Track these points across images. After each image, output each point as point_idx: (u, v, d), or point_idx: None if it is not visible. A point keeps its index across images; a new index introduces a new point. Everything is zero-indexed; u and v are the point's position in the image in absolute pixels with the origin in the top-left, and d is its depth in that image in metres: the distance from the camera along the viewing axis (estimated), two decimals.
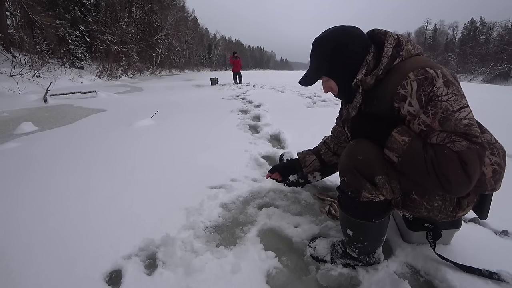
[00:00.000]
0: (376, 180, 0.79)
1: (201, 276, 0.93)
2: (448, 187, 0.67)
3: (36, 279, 0.92)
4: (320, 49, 0.89)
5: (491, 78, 26.63)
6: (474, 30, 40.20)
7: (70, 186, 1.61)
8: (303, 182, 1.57)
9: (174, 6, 31.58)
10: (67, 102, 5.59)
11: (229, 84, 10.56)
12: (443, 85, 0.71)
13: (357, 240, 0.90)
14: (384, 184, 0.79)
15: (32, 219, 1.28)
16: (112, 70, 14.98)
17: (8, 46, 11.67)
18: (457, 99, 0.70)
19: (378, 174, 0.78)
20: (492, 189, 0.82)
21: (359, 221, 0.86)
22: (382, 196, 0.81)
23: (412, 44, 0.83)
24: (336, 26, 0.90)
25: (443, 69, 0.75)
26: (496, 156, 0.80)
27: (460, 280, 0.88)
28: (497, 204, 0.94)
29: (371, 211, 0.84)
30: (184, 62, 40.62)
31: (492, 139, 0.83)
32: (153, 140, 2.59)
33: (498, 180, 0.81)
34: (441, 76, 0.72)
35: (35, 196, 1.49)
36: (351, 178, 0.82)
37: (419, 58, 0.80)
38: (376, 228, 0.88)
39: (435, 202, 0.80)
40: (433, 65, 0.75)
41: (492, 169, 0.78)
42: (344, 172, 0.84)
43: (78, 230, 1.18)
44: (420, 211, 0.83)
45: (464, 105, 0.71)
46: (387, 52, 0.80)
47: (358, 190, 0.81)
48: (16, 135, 2.88)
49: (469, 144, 0.66)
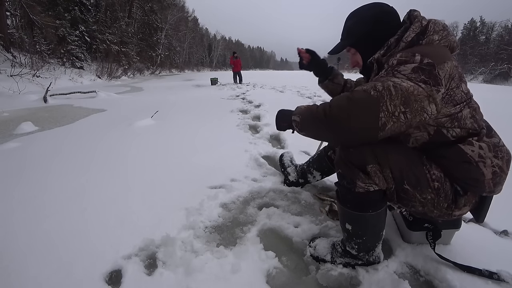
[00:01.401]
0: (368, 169, 0.80)
1: (201, 276, 0.93)
2: (329, 116, 0.72)
3: (36, 279, 0.92)
4: (351, 21, 0.95)
5: (491, 78, 26.63)
6: (474, 30, 40.17)
7: (70, 186, 1.61)
8: (303, 182, 1.58)
9: (174, 6, 31.63)
10: (67, 102, 5.59)
11: (229, 84, 10.56)
12: (411, 69, 0.71)
13: (356, 235, 0.91)
14: (376, 173, 0.80)
15: (32, 219, 1.28)
16: (112, 70, 14.98)
17: (8, 46, 11.66)
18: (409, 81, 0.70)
19: (369, 163, 0.80)
20: (490, 191, 0.81)
21: (357, 213, 0.87)
22: (376, 186, 0.81)
23: (442, 35, 0.80)
24: (374, 2, 0.93)
25: (444, 65, 0.72)
26: (499, 159, 0.78)
27: (460, 280, 0.88)
28: (497, 204, 0.94)
29: (367, 202, 0.85)
30: (184, 62, 40.62)
31: (500, 142, 0.81)
32: (153, 140, 2.59)
33: (498, 184, 0.80)
34: (419, 62, 0.72)
35: (35, 196, 1.49)
36: (345, 169, 0.84)
37: (430, 46, 0.78)
38: (373, 221, 0.88)
39: (428, 195, 0.80)
40: (430, 55, 0.73)
41: (492, 171, 0.77)
42: (339, 165, 0.86)
43: (78, 230, 1.18)
44: (414, 205, 0.83)
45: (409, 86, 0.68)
46: (407, 37, 0.81)
47: (352, 180, 0.82)
48: (16, 135, 2.88)
49: (367, 88, 0.70)
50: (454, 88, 0.75)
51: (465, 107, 0.77)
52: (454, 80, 0.75)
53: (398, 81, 0.70)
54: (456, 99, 0.76)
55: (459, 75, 0.76)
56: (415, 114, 0.70)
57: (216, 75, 14.41)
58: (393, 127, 0.70)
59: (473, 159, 0.76)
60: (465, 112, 0.77)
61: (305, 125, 0.82)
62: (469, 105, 0.78)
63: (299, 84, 10.10)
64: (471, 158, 0.76)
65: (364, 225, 0.89)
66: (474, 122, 0.79)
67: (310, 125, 0.81)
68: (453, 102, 0.75)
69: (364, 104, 0.69)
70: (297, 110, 0.85)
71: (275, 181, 1.65)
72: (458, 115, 0.76)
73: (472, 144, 0.76)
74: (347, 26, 0.97)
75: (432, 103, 0.71)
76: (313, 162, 1.53)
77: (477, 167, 0.76)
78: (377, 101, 0.68)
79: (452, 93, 0.75)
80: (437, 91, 0.71)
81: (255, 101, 5.11)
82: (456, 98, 0.75)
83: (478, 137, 0.78)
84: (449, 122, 0.77)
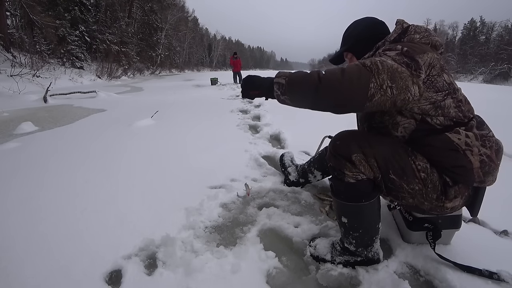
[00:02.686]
0: (352, 158, 0.84)
1: (201, 276, 0.93)
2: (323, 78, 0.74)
3: (35, 279, 0.92)
4: (348, 31, 1.08)
5: (491, 78, 26.63)
6: (474, 30, 40.16)
7: (70, 186, 1.61)
8: (303, 182, 1.58)
9: (174, 6, 31.61)
10: (67, 102, 5.60)
11: (229, 84, 10.56)
12: (395, 53, 0.79)
13: (353, 228, 0.92)
14: (360, 162, 0.84)
15: (32, 218, 1.28)
16: (112, 70, 14.98)
17: (8, 46, 11.66)
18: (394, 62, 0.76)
19: (353, 152, 0.84)
20: (481, 181, 0.82)
21: (351, 203, 0.90)
22: (363, 174, 0.85)
23: (424, 35, 0.89)
24: (367, 16, 1.08)
25: (424, 55, 0.79)
26: (487, 148, 0.80)
27: (460, 280, 0.88)
28: (497, 204, 0.94)
29: (359, 192, 0.88)
30: (184, 62, 40.62)
31: (490, 133, 0.84)
32: (153, 140, 2.59)
33: (487, 173, 0.82)
34: (400, 49, 0.79)
35: (34, 196, 1.49)
36: (333, 161, 0.89)
37: (411, 43, 0.87)
38: (367, 211, 0.91)
39: (415, 185, 0.83)
40: (410, 47, 0.80)
41: (480, 159, 0.79)
42: (329, 158, 0.91)
43: (78, 230, 1.18)
44: (404, 196, 0.86)
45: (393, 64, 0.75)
46: (390, 36, 0.92)
47: (341, 171, 0.87)
48: (16, 135, 2.88)
49: (358, 63, 0.75)
50: (435, 75, 0.81)
51: (448, 96, 0.82)
52: (434, 68, 0.81)
53: (383, 58, 0.76)
54: (437, 86, 0.81)
55: (441, 66, 0.82)
56: (400, 91, 0.75)
57: (216, 75, 14.41)
58: (380, 99, 0.74)
59: (460, 147, 0.79)
60: (448, 101, 0.82)
61: (292, 88, 0.81)
62: (453, 96, 0.83)
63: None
64: (457, 146, 0.79)
65: (359, 216, 0.91)
66: (458, 112, 0.83)
67: (298, 87, 0.80)
68: (435, 88, 0.80)
69: (356, 74, 0.73)
70: (281, 73, 0.84)
71: (275, 181, 1.65)
72: (441, 104, 0.81)
73: (459, 133, 0.80)
74: (344, 36, 1.09)
75: (416, 84, 0.76)
76: (314, 162, 1.53)
77: (464, 155, 0.79)
78: (369, 72, 0.73)
79: (434, 80, 0.80)
80: (417, 75, 0.76)
81: (255, 101, 5.11)
82: (437, 85, 0.81)
83: (465, 127, 0.81)
84: (433, 110, 0.81)
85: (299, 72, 0.82)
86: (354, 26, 1.07)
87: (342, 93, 0.73)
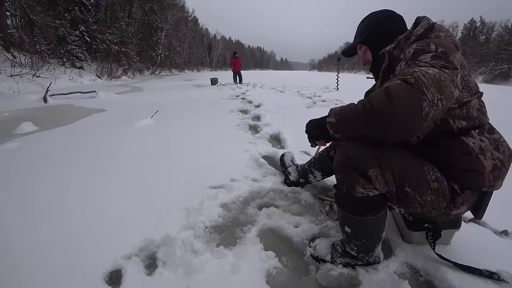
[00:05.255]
0: (369, 173, 0.78)
1: (201, 276, 0.93)
2: (371, 111, 0.69)
3: (36, 279, 0.92)
4: (363, 23, 1.05)
5: (491, 78, 26.61)
6: (474, 30, 40.15)
7: (70, 186, 1.61)
8: (303, 182, 1.58)
9: (174, 6, 31.61)
10: (67, 102, 5.59)
11: (229, 84, 10.56)
12: (430, 56, 0.74)
13: (356, 238, 0.90)
14: (377, 177, 0.78)
15: (32, 218, 1.28)
16: (112, 70, 14.98)
17: (8, 46, 11.65)
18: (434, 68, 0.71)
19: (370, 167, 0.77)
20: (490, 185, 0.81)
21: (356, 217, 0.86)
22: (376, 191, 0.80)
23: (447, 34, 0.86)
24: (384, 9, 1.05)
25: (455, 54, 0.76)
26: (500, 153, 0.79)
27: (460, 280, 0.88)
28: (497, 204, 0.94)
29: (366, 207, 0.84)
30: (184, 62, 40.60)
31: (501, 138, 0.83)
32: (153, 140, 2.59)
33: (497, 178, 0.81)
34: (435, 51, 0.75)
35: (35, 196, 1.49)
36: (344, 174, 0.82)
37: (439, 39, 0.83)
38: (373, 224, 0.88)
39: (428, 197, 0.80)
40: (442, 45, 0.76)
41: (493, 164, 0.78)
42: (338, 169, 0.84)
43: (78, 230, 1.18)
44: (413, 206, 0.83)
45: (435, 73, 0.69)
46: (417, 31, 0.88)
47: (352, 186, 0.81)
48: (16, 135, 2.88)
49: (400, 81, 0.68)
50: (467, 75, 0.78)
51: (474, 97, 0.80)
52: (465, 68, 0.78)
53: (423, 69, 0.69)
54: (470, 87, 0.79)
55: (468, 67, 0.80)
56: (448, 100, 0.70)
57: (216, 75, 14.41)
58: (434, 115, 0.68)
59: (474, 151, 0.77)
60: (474, 101, 0.79)
61: (342, 125, 0.78)
62: (478, 97, 0.81)
63: (299, 84, 10.10)
64: (471, 150, 0.77)
65: (363, 229, 0.89)
66: (480, 114, 0.81)
67: (348, 123, 0.77)
68: (468, 88, 0.78)
69: (405, 96, 0.66)
70: (331, 112, 0.82)
71: (275, 181, 1.65)
72: (467, 104, 0.79)
73: (473, 137, 0.78)
74: (359, 28, 1.07)
75: (457, 88, 0.72)
76: (314, 162, 1.53)
77: (477, 159, 0.78)
78: (417, 90, 0.66)
79: (467, 80, 0.78)
80: (456, 75, 0.72)
81: (255, 101, 5.12)
82: (470, 85, 0.79)
83: (479, 131, 0.80)
84: (458, 109, 0.78)
85: (347, 107, 0.78)
86: (371, 16, 1.03)
87: (395, 121, 0.67)
